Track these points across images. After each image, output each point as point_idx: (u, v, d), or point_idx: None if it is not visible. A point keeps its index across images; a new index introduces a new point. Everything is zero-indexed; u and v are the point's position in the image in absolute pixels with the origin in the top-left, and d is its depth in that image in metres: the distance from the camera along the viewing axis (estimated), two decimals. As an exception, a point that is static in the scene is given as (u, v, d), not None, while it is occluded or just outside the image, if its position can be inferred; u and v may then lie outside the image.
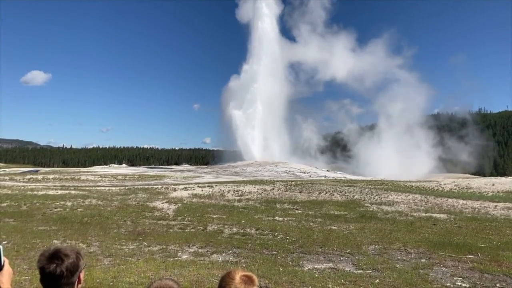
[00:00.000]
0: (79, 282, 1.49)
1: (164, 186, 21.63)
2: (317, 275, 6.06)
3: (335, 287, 5.50)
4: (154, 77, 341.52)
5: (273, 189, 20.23)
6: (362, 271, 6.30)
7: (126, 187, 21.33)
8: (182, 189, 19.90)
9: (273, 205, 14.88)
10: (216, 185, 21.76)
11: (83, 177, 30.86)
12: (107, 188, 20.88)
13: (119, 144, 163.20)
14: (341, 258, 7.23)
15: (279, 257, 7.28)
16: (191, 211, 13.06)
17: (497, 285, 5.58)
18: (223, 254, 7.51)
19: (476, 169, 71.97)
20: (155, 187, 21.36)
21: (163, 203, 14.82)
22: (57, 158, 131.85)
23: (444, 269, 6.46)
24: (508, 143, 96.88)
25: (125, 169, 58.36)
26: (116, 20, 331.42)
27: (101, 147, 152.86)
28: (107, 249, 7.69)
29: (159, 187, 21.27)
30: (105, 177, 31.88)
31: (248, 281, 1.41)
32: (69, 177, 31.21)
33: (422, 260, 7.06)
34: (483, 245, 8.26)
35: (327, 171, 50.33)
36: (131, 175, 35.10)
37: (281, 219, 11.89)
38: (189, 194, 17.96)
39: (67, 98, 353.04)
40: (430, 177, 46.18)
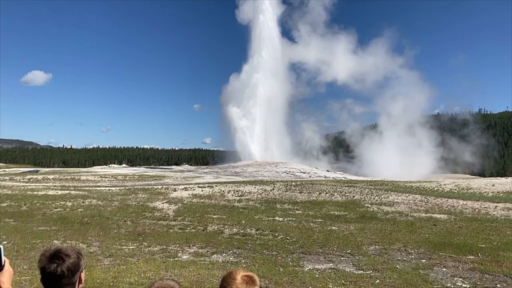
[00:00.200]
0: (80, 282, 1.48)
1: (164, 187, 21.63)
2: (317, 275, 6.06)
3: (336, 287, 5.50)
4: (154, 77, 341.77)
5: (273, 189, 20.23)
6: (362, 271, 6.30)
7: (126, 187, 21.33)
8: (182, 189, 19.90)
9: (273, 206, 14.88)
10: (216, 186, 21.76)
11: (83, 177, 30.86)
12: (107, 188, 20.88)
13: (119, 144, 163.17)
14: (342, 258, 7.23)
15: (279, 257, 7.28)
16: (191, 211, 13.06)
17: (498, 285, 5.57)
18: (223, 255, 7.51)
19: (479, 169, 71.93)
20: (155, 187, 21.35)
21: (163, 203, 14.82)
22: (57, 158, 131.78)
23: (444, 269, 6.46)
24: (508, 143, 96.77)
25: (125, 169, 58.33)
26: (116, 20, 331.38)
27: (101, 147, 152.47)
28: (107, 249, 7.70)
29: (159, 187, 21.27)
30: (105, 177, 31.88)
31: (250, 281, 1.41)
32: (69, 177, 31.21)
33: (423, 260, 7.06)
34: (483, 245, 8.26)
35: (327, 171, 50.34)
36: (131, 175, 35.09)
37: (281, 219, 11.88)
38: (189, 194, 17.95)
39: (67, 98, 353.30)
40: (431, 177, 46.15)
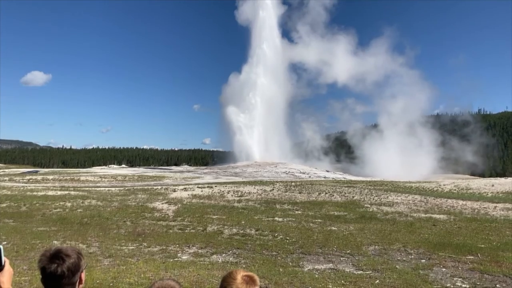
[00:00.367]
0: (80, 283, 1.48)
1: (163, 187, 21.62)
2: (317, 275, 6.06)
3: (335, 287, 5.50)
4: (154, 78, 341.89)
5: (273, 189, 20.23)
6: (362, 271, 6.31)
7: (126, 188, 21.32)
8: (182, 189, 19.89)
9: (272, 206, 14.87)
10: (215, 186, 21.75)
11: (82, 178, 30.83)
12: (106, 188, 20.87)
13: (118, 145, 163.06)
14: (341, 258, 7.23)
15: (279, 257, 7.28)
16: (191, 211, 13.05)
17: (497, 285, 5.58)
18: (223, 255, 7.51)
19: (479, 169, 71.93)
20: (154, 187, 21.34)
21: (162, 203, 14.81)
22: (57, 158, 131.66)
23: (444, 269, 6.46)
24: (507, 144, 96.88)
25: (124, 169, 58.26)
26: (116, 20, 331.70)
27: (100, 147, 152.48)
28: (107, 249, 7.69)
29: (159, 187, 21.26)
30: (104, 177, 31.85)
31: (250, 281, 1.41)
32: (69, 177, 31.17)
33: (422, 260, 7.07)
34: (483, 245, 8.26)
35: (327, 171, 50.35)
36: (130, 175, 35.06)
37: (281, 219, 11.88)
38: (188, 194, 17.94)
39: (67, 98, 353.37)
40: (431, 177, 46.19)
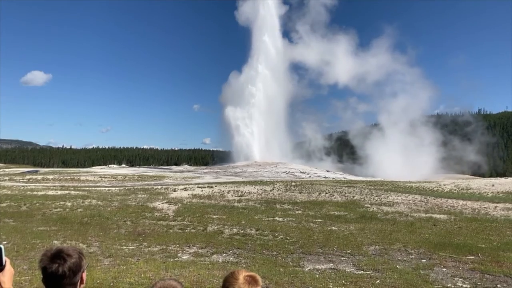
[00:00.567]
0: (81, 282, 1.48)
1: (164, 187, 21.62)
2: (317, 275, 6.05)
3: (336, 287, 5.49)
4: (154, 78, 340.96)
5: (273, 189, 20.23)
6: (362, 271, 6.30)
7: (126, 188, 21.32)
8: (182, 189, 19.90)
9: (273, 206, 14.87)
10: (216, 186, 21.75)
11: (82, 178, 30.84)
12: (106, 188, 20.87)
13: (118, 145, 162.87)
14: (342, 258, 7.23)
15: (279, 257, 7.28)
16: (191, 211, 13.05)
17: (498, 285, 5.57)
18: (223, 255, 7.50)
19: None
20: (155, 187, 21.35)
21: (163, 203, 14.81)
22: (57, 158, 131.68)
23: (444, 269, 6.46)
24: (508, 144, 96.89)
25: (124, 169, 58.28)
26: (116, 20, 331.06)
27: (100, 147, 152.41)
28: (107, 249, 7.68)
29: (159, 187, 21.26)
30: (104, 177, 31.86)
31: (252, 281, 1.40)
32: (69, 177, 31.17)
33: (423, 260, 7.06)
34: (483, 245, 8.26)
35: (327, 171, 50.35)
36: (130, 175, 35.07)
37: (281, 219, 11.88)
38: (189, 194, 17.94)
39: (67, 98, 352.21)
40: (431, 177, 46.18)
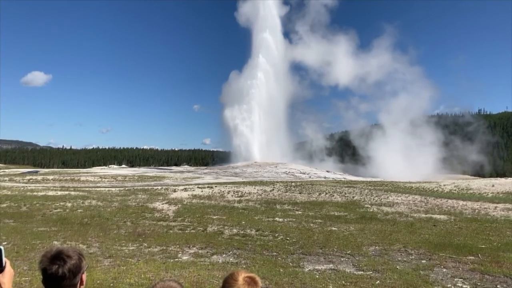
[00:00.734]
0: (81, 284, 1.48)
1: (164, 187, 21.62)
2: (317, 276, 6.05)
3: (336, 288, 5.49)
4: (154, 78, 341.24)
5: (273, 190, 20.22)
6: (362, 272, 6.30)
7: (126, 188, 21.31)
8: (182, 190, 19.89)
9: (273, 206, 14.87)
10: (216, 186, 21.75)
11: (82, 178, 30.83)
12: (107, 189, 20.86)
13: (118, 145, 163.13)
14: (342, 259, 7.23)
15: (279, 258, 7.27)
16: (191, 212, 13.05)
17: (498, 286, 5.57)
18: (223, 255, 7.50)
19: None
20: (155, 188, 21.35)
21: (163, 204, 14.80)
22: (57, 159, 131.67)
23: (444, 270, 6.45)
24: (508, 144, 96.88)
25: (124, 170, 58.30)
26: (116, 20, 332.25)
27: (100, 148, 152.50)
28: (107, 250, 7.68)
29: (159, 188, 21.26)
30: (104, 178, 31.86)
31: (252, 282, 1.41)
32: (69, 178, 31.17)
33: (423, 261, 7.06)
34: (483, 246, 8.25)
35: (327, 171, 50.33)
36: (130, 176, 35.07)
37: (281, 220, 11.87)
38: (189, 195, 17.94)
39: (67, 99, 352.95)
40: (431, 178, 46.18)
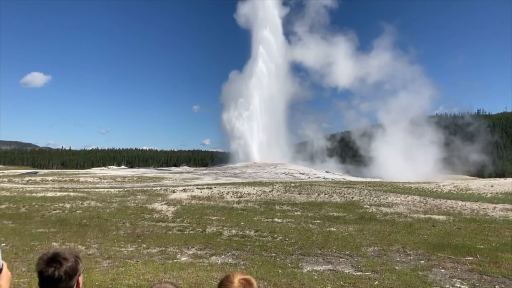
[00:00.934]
0: (77, 286, 1.48)
1: (163, 188, 21.61)
2: (316, 277, 6.05)
3: (334, 289, 5.49)
4: (153, 79, 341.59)
5: (272, 190, 20.22)
6: (361, 272, 6.30)
7: (125, 189, 21.30)
8: (181, 190, 19.88)
9: (272, 207, 14.87)
10: (215, 187, 21.74)
11: (82, 179, 30.81)
12: (106, 190, 20.84)
13: (118, 146, 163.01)
14: (340, 259, 7.23)
15: (278, 259, 7.27)
16: (190, 213, 13.04)
17: (496, 286, 5.58)
18: (222, 256, 7.50)
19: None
20: (154, 188, 21.34)
21: (162, 205, 14.79)
22: (56, 159, 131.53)
23: (443, 270, 6.46)
24: (507, 144, 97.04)
25: (124, 170, 58.24)
26: (116, 21, 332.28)
27: (100, 148, 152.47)
28: (106, 251, 7.67)
29: (158, 188, 21.25)
30: (104, 178, 31.84)
31: (247, 284, 1.41)
32: (68, 178, 31.14)
33: (421, 261, 7.06)
34: (482, 246, 8.26)
35: (326, 172, 50.37)
36: (130, 176, 35.05)
37: (280, 220, 11.88)
38: (188, 195, 17.93)
39: (67, 99, 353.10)
40: (430, 178, 46.24)
